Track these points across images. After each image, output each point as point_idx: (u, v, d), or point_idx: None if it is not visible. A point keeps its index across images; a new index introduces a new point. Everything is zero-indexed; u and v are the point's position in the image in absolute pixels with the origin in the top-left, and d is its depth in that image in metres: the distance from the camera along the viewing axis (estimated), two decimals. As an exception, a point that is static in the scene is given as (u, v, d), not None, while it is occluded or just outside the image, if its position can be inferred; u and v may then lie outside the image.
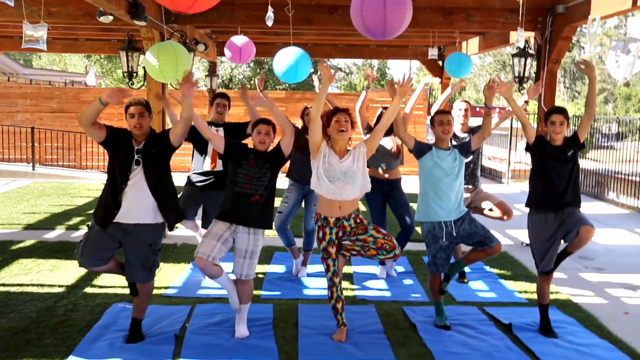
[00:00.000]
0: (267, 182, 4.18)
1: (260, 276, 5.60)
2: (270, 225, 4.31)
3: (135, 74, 7.75)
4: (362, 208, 7.58)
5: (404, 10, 3.85)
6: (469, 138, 4.97)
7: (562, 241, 4.37)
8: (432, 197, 4.38)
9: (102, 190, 4.01)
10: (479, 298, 5.24)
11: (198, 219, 5.52)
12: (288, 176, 5.59)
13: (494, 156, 15.51)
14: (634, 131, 13.44)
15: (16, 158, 14.03)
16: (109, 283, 5.26)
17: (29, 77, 22.32)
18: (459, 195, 4.43)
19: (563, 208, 4.29)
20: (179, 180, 4.67)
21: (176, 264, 6.02)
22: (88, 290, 5.14)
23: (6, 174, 12.77)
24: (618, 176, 11.07)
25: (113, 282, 5.23)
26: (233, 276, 4.28)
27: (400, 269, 6.05)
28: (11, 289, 5.11)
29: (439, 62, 11.62)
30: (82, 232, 4.37)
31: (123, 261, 4.06)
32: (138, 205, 3.88)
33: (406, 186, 5.70)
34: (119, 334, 4.12)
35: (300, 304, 4.91)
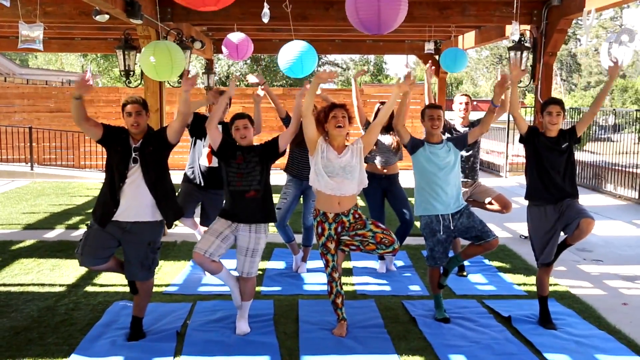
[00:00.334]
0: (260, 177, 4.14)
1: (260, 272, 5.62)
2: (273, 218, 4.32)
3: (132, 73, 7.76)
4: (361, 203, 7.62)
5: (399, 3, 3.86)
6: (467, 132, 4.98)
7: (562, 233, 4.39)
8: (428, 192, 4.38)
9: (101, 189, 4.02)
10: (479, 291, 5.26)
11: (197, 217, 5.53)
12: (286, 172, 5.60)
13: (492, 150, 15.52)
14: (631, 123, 13.47)
15: (14, 158, 14.01)
16: (110, 281, 5.28)
17: (26, 77, 22.26)
18: (456, 188, 4.42)
19: (562, 200, 4.32)
20: (177, 178, 4.67)
21: (176, 262, 6.03)
22: (89, 288, 5.15)
23: (5, 175, 12.75)
24: (615, 168, 11.08)
25: (114, 281, 5.25)
26: (236, 273, 4.29)
27: (399, 264, 6.07)
28: (12, 289, 5.12)
29: (436, 57, 11.62)
30: (82, 232, 4.38)
31: (123, 259, 4.08)
32: (136, 203, 3.89)
33: (404, 181, 5.72)
34: (121, 332, 4.14)
35: (300, 300, 4.93)
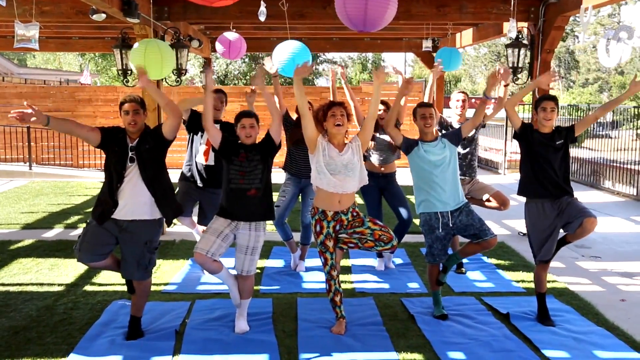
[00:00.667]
0: (261, 175, 4.15)
1: (259, 271, 5.62)
2: (272, 216, 4.32)
3: (129, 72, 7.76)
4: (359, 201, 7.62)
5: (387, 2, 3.84)
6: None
7: (562, 230, 4.40)
8: (426, 190, 4.38)
9: (101, 188, 4.03)
10: (477, 288, 5.27)
11: (194, 216, 5.53)
12: (284, 170, 5.60)
13: (490, 147, 15.53)
14: (629, 119, 13.48)
15: (13, 158, 13.99)
16: (109, 281, 5.28)
17: (24, 77, 22.27)
18: (455, 185, 4.41)
19: (559, 197, 4.32)
20: (174, 176, 4.67)
21: (175, 261, 6.03)
22: (88, 288, 5.15)
23: (3, 174, 12.74)
24: (614, 164, 11.10)
25: (113, 280, 5.25)
26: (234, 272, 4.30)
27: (398, 261, 6.08)
28: (11, 289, 5.12)
29: (433, 54, 11.62)
30: (81, 231, 4.39)
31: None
32: (135, 201, 3.90)
33: (402, 178, 5.72)
34: (120, 331, 4.14)
35: (299, 298, 4.93)
